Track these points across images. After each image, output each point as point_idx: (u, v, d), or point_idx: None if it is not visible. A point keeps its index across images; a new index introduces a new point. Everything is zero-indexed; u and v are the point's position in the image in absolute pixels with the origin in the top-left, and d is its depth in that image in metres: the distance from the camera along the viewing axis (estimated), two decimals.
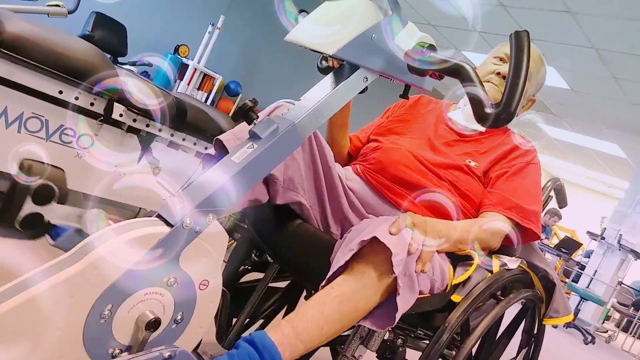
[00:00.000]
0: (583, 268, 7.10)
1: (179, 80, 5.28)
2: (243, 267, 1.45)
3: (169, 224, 0.75)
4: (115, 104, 1.66)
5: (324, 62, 1.19)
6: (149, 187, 1.73)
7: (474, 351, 1.17)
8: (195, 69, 5.31)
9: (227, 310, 1.31)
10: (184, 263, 0.77)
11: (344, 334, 1.14)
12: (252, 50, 6.36)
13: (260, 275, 1.45)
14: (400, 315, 0.89)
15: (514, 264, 1.18)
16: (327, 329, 0.86)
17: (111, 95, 1.65)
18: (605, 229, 6.77)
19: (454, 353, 1.03)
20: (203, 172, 0.81)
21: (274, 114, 1.03)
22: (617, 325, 7.37)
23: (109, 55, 3.73)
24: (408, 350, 1.11)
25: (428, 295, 0.99)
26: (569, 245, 6.55)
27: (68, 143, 1.62)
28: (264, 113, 1.07)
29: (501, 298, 1.13)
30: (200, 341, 0.86)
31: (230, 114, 5.46)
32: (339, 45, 0.87)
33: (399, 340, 1.06)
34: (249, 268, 1.47)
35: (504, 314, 1.15)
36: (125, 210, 1.77)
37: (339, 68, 0.95)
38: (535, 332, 1.33)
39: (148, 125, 1.79)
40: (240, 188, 0.80)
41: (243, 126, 1.04)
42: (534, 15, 4.51)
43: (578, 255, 8.10)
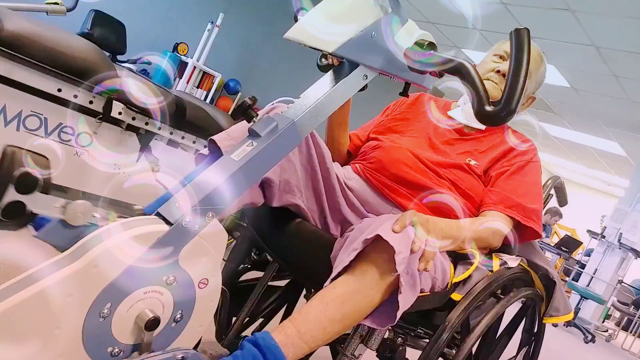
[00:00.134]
0: (583, 267, 7.10)
1: (178, 79, 5.27)
2: (242, 266, 1.45)
3: (168, 223, 0.75)
4: (114, 102, 1.66)
5: (323, 60, 1.18)
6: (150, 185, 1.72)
7: (474, 350, 1.17)
8: (194, 67, 5.30)
9: (227, 309, 1.31)
10: (183, 262, 0.77)
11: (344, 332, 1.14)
12: (252, 48, 6.35)
13: (260, 274, 1.45)
14: (401, 313, 0.89)
15: (514, 262, 1.18)
16: (330, 329, 0.86)
17: (110, 94, 1.65)
18: (605, 227, 6.77)
19: (454, 352, 1.03)
20: (201, 171, 0.81)
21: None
22: (617, 324, 7.38)
23: (107, 54, 3.72)
24: (408, 349, 1.11)
25: (428, 293, 0.99)
26: (569, 244, 6.55)
27: (67, 141, 1.62)
28: (260, 114, 1.06)
29: (501, 297, 1.13)
30: (199, 340, 0.86)
31: (230, 112, 5.46)
32: (339, 42, 0.86)
33: (399, 339, 1.06)
34: (249, 267, 1.47)
35: (504, 313, 1.15)
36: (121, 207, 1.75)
37: (339, 66, 0.95)
38: (536, 331, 1.33)
39: (147, 124, 1.79)
40: (239, 186, 0.80)
41: (237, 126, 1.03)
42: (535, 13, 4.50)
43: (578, 254, 8.10)
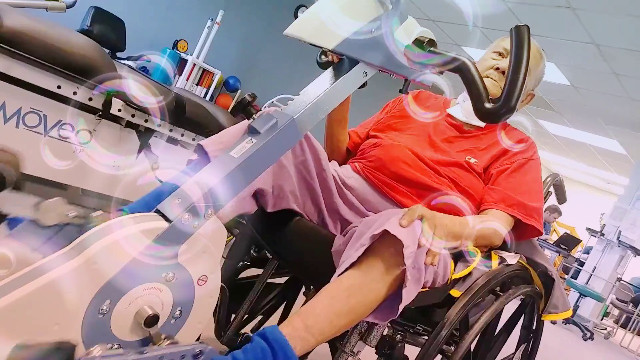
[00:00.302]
0: (582, 264, 7.11)
1: (177, 76, 5.26)
2: (242, 263, 1.45)
3: (167, 219, 0.75)
4: (114, 99, 1.66)
5: (323, 57, 1.18)
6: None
7: (472, 347, 1.17)
8: (194, 64, 5.29)
9: (226, 306, 1.31)
10: (182, 259, 0.77)
11: None
12: (251, 45, 6.34)
13: (259, 271, 1.45)
14: (403, 307, 0.89)
15: (513, 259, 1.18)
16: (337, 322, 0.87)
17: (110, 95, 1.65)
18: (604, 225, 6.78)
19: (452, 349, 1.03)
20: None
21: None
22: (616, 322, 7.39)
23: (107, 51, 3.71)
24: (407, 345, 1.11)
25: (427, 289, 0.99)
26: (568, 242, 6.55)
27: (66, 138, 1.62)
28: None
29: (500, 294, 1.13)
30: (199, 337, 0.86)
31: (229, 109, 5.45)
32: (339, 39, 0.86)
33: (398, 335, 1.06)
34: (248, 264, 1.47)
35: (503, 310, 1.15)
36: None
37: (339, 63, 0.94)
38: (534, 328, 1.33)
39: (147, 121, 1.79)
40: (238, 183, 0.80)
41: (228, 130, 1.04)
42: (535, 11, 4.50)
43: (577, 252, 8.10)
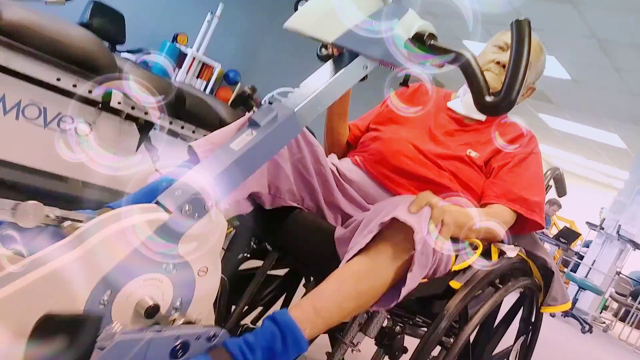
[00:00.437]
0: (582, 258, 7.13)
1: (177, 69, 5.25)
2: (242, 255, 1.45)
3: (167, 211, 0.75)
4: (114, 91, 1.66)
5: (323, 50, 1.18)
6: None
7: (471, 338, 1.17)
8: (194, 57, 5.28)
9: (226, 298, 1.31)
10: (183, 250, 0.77)
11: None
12: (252, 38, 6.33)
13: (259, 263, 1.45)
14: (406, 292, 0.90)
15: (513, 252, 1.19)
16: (346, 306, 0.88)
17: (109, 83, 1.65)
18: (604, 219, 6.79)
19: (452, 340, 1.04)
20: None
21: None
22: (615, 315, 7.41)
23: (106, 44, 3.70)
24: (406, 337, 1.12)
25: (426, 280, 1.00)
26: (567, 236, 6.56)
27: (66, 130, 1.62)
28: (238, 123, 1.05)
29: (499, 286, 1.14)
30: None
31: (229, 103, 5.44)
32: (339, 32, 0.86)
33: (398, 327, 1.07)
34: (248, 256, 1.47)
35: (502, 302, 1.16)
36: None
37: (339, 56, 0.94)
38: (533, 321, 1.34)
39: (146, 113, 1.79)
40: (238, 176, 0.80)
41: (218, 132, 1.04)
42: (536, 5, 4.48)
43: (577, 245, 8.11)
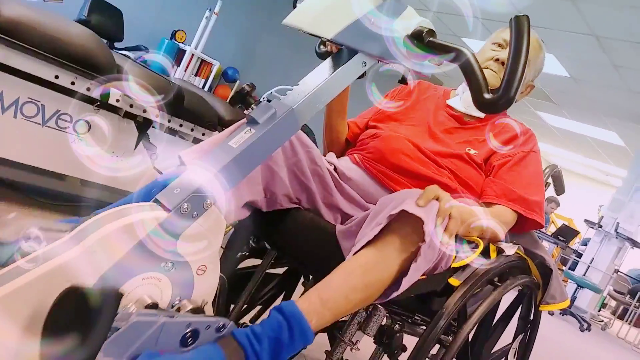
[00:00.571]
0: (580, 256, 7.14)
1: (176, 66, 5.24)
2: (241, 254, 1.45)
3: (166, 209, 0.75)
4: (112, 89, 1.65)
5: (322, 47, 1.17)
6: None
7: (470, 337, 1.17)
8: (192, 54, 5.27)
9: (225, 296, 1.31)
10: (181, 248, 0.77)
11: (342, 319, 1.14)
12: (250, 35, 6.32)
13: (258, 261, 1.45)
14: (408, 284, 0.91)
15: (511, 250, 1.19)
16: (353, 297, 0.88)
17: (108, 81, 1.64)
18: (602, 217, 6.80)
19: (450, 338, 1.04)
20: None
21: None
22: (613, 313, 7.43)
23: (105, 41, 3.69)
24: (405, 335, 1.11)
25: (424, 277, 1.00)
26: (566, 233, 6.57)
27: (64, 128, 1.62)
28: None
29: (498, 284, 1.14)
30: None
31: (228, 100, 5.44)
32: (337, 29, 0.86)
33: (397, 325, 1.07)
34: (247, 254, 1.47)
35: (500, 300, 1.16)
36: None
37: (338, 53, 0.94)
38: (532, 318, 1.34)
39: (145, 111, 1.78)
40: (237, 173, 0.80)
41: (211, 139, 1.03)
42: (535, 2, 4.48)
43: (575, 243, 8.13)
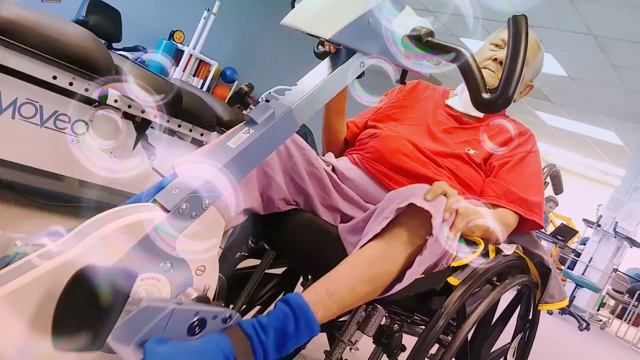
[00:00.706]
0: (579, 255, 7.14)
1: (174, 67, 5.24)
2: (239, 254, 1.45)
3: (165, 210, 0.75)
4: (110, 89, 1.65)
5: (320, 47, 1.17)
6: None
7: (469, 336, 1.18)
8: (190, 55, 5.27)
9: (224, 297, 1.31)
10: (180, 249, 0.77)
11: (341, 319, 1.14)
12: (248, 35, 6.31)
13: (257, 261, 1.45)
14: (411, 277, 0.91)
15: (510, 250, 1.19)
16: (359, 289, 0.88)
17: (106, 81, 1.64)
18: (601, 216, 6.80)
19: (449, 338, 1.04)
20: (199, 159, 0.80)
21: None
22: (612, 312, 7.44)
23: (103, 41, 3.69)
24: (404, 335, 1.11)
25: (423, 276, 1.00)
26: (564, 233, 6.57)
27: (62, 129, 1.61)
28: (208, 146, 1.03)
29: (497, 284, 1.14)
30: None
31: (226, 100, 5.44)
32: (336, 29, 0.86)
33: (396, 325, 1.07)
34: (246, 255, 1.47)
35: (499, 300, 1.16)
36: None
37: (336, 53, 0.94)
38: (531, 318, 1.34)
39: (143, 112, 1.78)
40: (236, 173, 0.80)
41: (202, 149, 1.03)
42: (533, 2, 4.48)
43: (574, 243, 8.14)
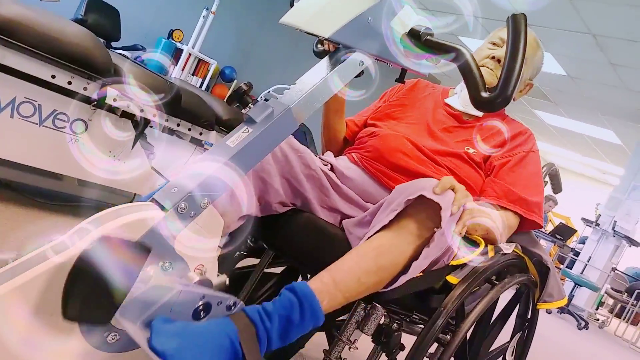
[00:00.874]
0: (577, 254, 7.15)
1: (173, 66, 5.23)
2: (239, 253, 1.45)
3: (164, 209, 0.75)
4: (109, 88, 1.65)
5: (319, 46, 1.17)
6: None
7: (468, 335, 1.17)
8: (189, 54, 5.26)
9: None
10: (179, 248, 0.77)
11: (340, 318, 1.14)
12: (247, 34, 6.31)
13: (256, 261, 1.45)
14: (417, 269, 0.91)
15: (509, 249, 1.19)
16: (365, 280, 0.88)
17: (105, 80, 1.64)
18: (599, 215, 6.81)
19: (448, 337, 1.04)
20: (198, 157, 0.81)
21: None
22: (611, 311, 7.44)
23: (102, 40, 3.68)
24: (403, 334, 1.11)
25: (421, 274, 1.00)
26: (563, 232, 6.58)
27: (61, 128, 1.61)
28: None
29: (496, 283, 1.14)
30: None
31: (225, 99, 5.43)
32: (335, 28, 0.86)
33: (395, 324, 1.07)
34: (245, 254, 1.47)
35: (498, 299, 1.16)
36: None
37: (335, 51, 0.94)
38: (530, 317, 1.34)
39: (142, 111, 1.78)
40: (234, 172, 0.80)
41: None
42: (532, 1, 4.48)
43: (573, 242, 8.14)
